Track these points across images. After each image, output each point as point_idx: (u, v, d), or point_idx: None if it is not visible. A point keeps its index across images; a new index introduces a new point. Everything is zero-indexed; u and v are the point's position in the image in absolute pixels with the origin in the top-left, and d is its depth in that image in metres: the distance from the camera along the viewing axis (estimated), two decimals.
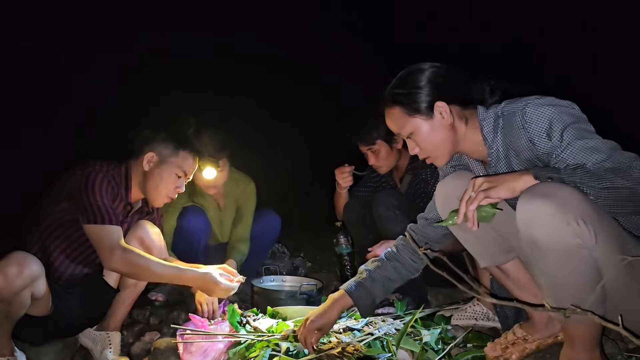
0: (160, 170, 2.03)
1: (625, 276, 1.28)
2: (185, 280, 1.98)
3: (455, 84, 1.56)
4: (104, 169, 1.95)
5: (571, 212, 1.21)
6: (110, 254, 1.83)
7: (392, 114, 1.59)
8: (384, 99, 1.60)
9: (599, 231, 1.23)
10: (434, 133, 1.54)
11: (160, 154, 2.04)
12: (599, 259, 1.26)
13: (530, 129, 1.41)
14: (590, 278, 1.27)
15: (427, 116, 1.53)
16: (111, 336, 2.02)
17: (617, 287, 1.30)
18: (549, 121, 1.38)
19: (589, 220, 1.22)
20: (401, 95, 1.55)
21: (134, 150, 2.08)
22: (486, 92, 1.58)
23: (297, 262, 3.34)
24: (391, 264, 1.77)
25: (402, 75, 1.59)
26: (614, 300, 1.32)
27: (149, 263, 1.88)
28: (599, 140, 1.33)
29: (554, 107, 1.39)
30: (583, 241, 1.23)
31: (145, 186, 2.04)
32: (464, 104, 1.56)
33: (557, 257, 1.27)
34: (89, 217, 1.85)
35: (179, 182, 2.08)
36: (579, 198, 1.23)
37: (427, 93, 1.52)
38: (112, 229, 1.86)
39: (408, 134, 1.57)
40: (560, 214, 1.22)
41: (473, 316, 2.11)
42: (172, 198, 2.10)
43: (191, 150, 2.09)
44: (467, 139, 1.57)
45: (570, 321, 1.34)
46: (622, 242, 1.29)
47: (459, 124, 1.55)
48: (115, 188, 1.96)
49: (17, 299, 1.67)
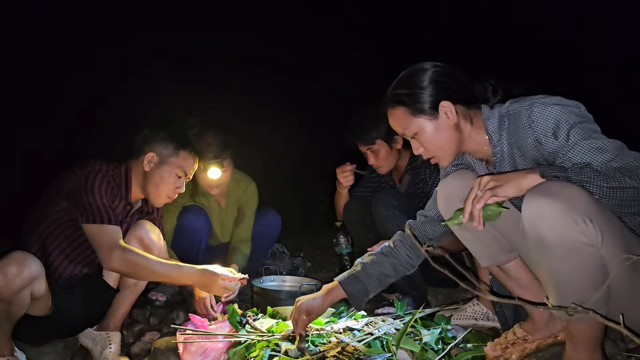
0: (160, 171, 2.03)
1: (627, 275, 1.28)
2: (185, 277, 1.98)
3: (459, 83, 1.55)
4: (104, 169, 1.95)
5: (577, 210, 1.22)
6: (109, 253, 1.83)
7: (396, 114, 1.58)
8: (387, 99, 1.60)
9: (605, 230, 1.23)
10: (438, 133, 1.53)
11: (161, 154, 2.04)
12: (605, 257, 1.26)
13: (536, 128, 1.41)
14: (595, 277, 1.26)
15: (431, 116, 1.52)
16: (111, 336, 2.03)
17: (620, 287, 1.30)
18: (556, 121, 1.38)
19: (595, 219, 1.22)
20: (404, 95, 1.54)
21: (134, 150, 2.08)
22: (489, 91, 1.58)
23: (297, 262, 3.34)
24: (388, 259, 1.78)
25: (404, 75, 1.58)
26: (616, 299, 1.32)
27: (148, 262, 1.88)
28: (606, 140, 1.33)
29: (560, 107, 1.39)
30: (589, 240, 1.23)
31: (146, 186, 2.05)
32: (468, 103, 1.56)
33: (563, 255, 1.26)
34: (88, 217, 1.85)
35: (179, 182, 2.08)
36: (585, 197, 1.23)
37: (430, 93, 1.52)
38: (111, 229, 1.86)
39: (412, 134, 1.56)
40: (566, 211, 1.22)
41: (473, 316, 2.11)
42: (172, 198, 2.10)
43: (191, 150, 2.10)
44: (471, 138, 1.57)
45: (573, 320, 1.34)
46: (626, 242, 1.29)
47: (463, 123, 1.55)
48: (115, 188, 1.96)
49: (17, 299, 1.67)
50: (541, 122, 1.40)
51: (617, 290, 1.30)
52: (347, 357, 1.58)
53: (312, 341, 1.72)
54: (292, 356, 1.61)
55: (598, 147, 1.31)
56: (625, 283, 1.30)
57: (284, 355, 1.60)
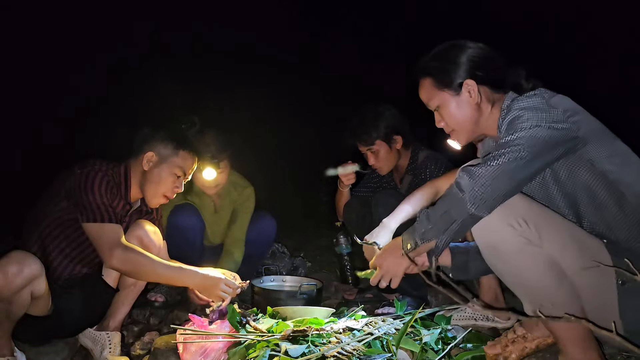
0: (159, 170, 2.03)
1: (589, 272, 1.31)
2: (187, 280, 1.98)
3: (491, 66, 1.56)
4: (104, 168, 1.94)
5: (512, 214, 1.31)
6: (110, 252, 1.82)
7: (424, 84, 1.62)
8: (419, 69, 1.63)
9: (541, 228, 1.30)
10: (459, 109, 1.56)
11: (160, 153, 2.04)
12: (553, 255, 1.32)
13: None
14: (552, 274, 1.32)
15: (455, 92, 1.55)
16: (111, 336, 2.02)
17: (582, 282, 1.34)
18: (517, 118, 1.38)
19: (530, 220, 1.30)
20: (434, 68, 1.58)
21: (133, 149, 2.08)
22: (522, 77, 1.58)
23: (297, 262, 3.34)
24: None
25: (440, 49, 1.61)
26: (588, 297, 1.36)
27: (150, 262, 1.88)
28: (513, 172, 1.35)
29: (532, 112, 1.37)
30: (529, 240, 1.30)
31: (144, 185, 2.04)
32: (495, 86, 1.56)
33: (513, 259, 1.34)
34: (89, 216, 1.84)
35: (178, 182, 2.08)
36: (519, 200, 1.34)
37: (458, 70, 1.54)
38: (112, 227, 1.86)
39: (435, 106, 1.60)
40: (502, 217, 1.31)
41: (472, 317, 2.11)
42: (169, 198, 2.09)
43: (191, 150, 2.09)
44: (489, 121, 1.57)
45: (550, 321, 1.37)
46: (570, 236, 1.34)
47: (485, 105, 1.55)
48: (114, 187, 1.96)
49: (17, 298, 1.67)
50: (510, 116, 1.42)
51: (582, 287, 1.34)
52: (347, 357, 1.58)
53: (312, 341, 1.71)
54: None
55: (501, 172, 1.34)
56: (587, 277, 1.32)
57: (284, 355, 1.60)
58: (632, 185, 1.37)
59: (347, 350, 1.62)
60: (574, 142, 1.37)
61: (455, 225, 1.37)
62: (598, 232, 1.39)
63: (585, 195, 1.39)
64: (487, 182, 1.31)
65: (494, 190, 1.31)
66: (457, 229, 1.38)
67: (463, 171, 1.39)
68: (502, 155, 1.33)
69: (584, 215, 1.41)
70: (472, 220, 1.36)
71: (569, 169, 1.40)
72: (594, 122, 1.42)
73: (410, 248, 1.51)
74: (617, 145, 1.42)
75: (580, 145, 1.37)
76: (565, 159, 1.39)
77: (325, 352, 1.61)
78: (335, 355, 1.59)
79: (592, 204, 1.39)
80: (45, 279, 1.79)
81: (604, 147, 1.39)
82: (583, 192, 1.39)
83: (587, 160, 1.38)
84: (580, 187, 1.39)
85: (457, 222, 1.37)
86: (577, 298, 1.35)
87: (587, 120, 1.41)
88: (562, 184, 1.41)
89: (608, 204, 1.37)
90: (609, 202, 1.37)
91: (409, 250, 1.52)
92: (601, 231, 1.39)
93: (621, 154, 1.41)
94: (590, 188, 1.38)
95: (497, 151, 1.35)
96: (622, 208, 1.37)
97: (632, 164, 1.40)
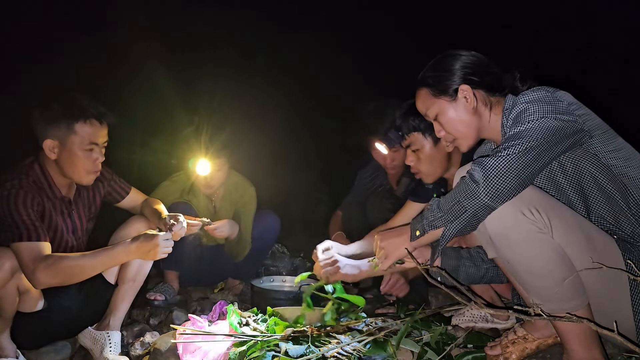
0: (68, 153, 1.87)
1: (599, 274, 1.32)
2: (122, 256, 1.84)
3: (485, 71, 1.58)
4: (17, 178, 1.81)
5: (523, 202, 1.32)
6: (32, 270, 1.69)
7: (420, 95, 1.65)
8: (417, 82, 1.66)
9: (552, 217, 1.32)
10: (457, 116, 1.58)
11: (57, 137, 1.86)
12: (562, 244, 1.33)
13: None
14: (560, 263, 1.33)
15: (451, 98, 1.57)
16: (111, 336, 2.01)
17: (590, 278, 1.35)
18: (524, 111, 1.40)
19: (541, 208, 1.32)
20: (429, 77, 1.61)
21: (37, 139, 1.90)
22: (517, 79, 1.59)
23: (297, 263, 3.34)
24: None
25: (435, 60, 1.65)
26: (594, 294, 1.37)
27: (76, 261, 1.76)
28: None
29: (539, 104, 1.39)
30: (540, 228, 1.32)
31: (65, 173, 1.92)
32: (490, 90, 1.58)
33: (524, 247, 1.35)
34: (7, 237, 1.73)
35: (95, 154, 1.92)
36: (531, 190, 1.36)
37: (453, 76, 1.56)
38: (28, 246, 1.72)
39: (434, 115, 1.62)
40: (514, 205, 1.32)
41: (472, 319, 2.10)
42: (97, 171, 1.97)
43: (85, 117, 1.88)
44: (490, 125, 1.59)
45: (553, 320, 1.36)
46: (580, 228, 1.36)
47: (483, 109, 1.57)
48: (35, 193, 1.83)
49: (3, 293, 1.66)
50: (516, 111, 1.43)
51: (591, 281, 1.35)
52: (347, 357, 1.58)
53: (312, 341, 1.71)
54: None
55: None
56: (597, 272, 1.32)
57: (284, 355, 1.60)
58: (636, 179, 1.41)
59: (347, 351, 1.62)
60: (581, 134, 1.40)
61: (466, 216, 1.37)
62: (605, 225, 1.42)
63: (593, 188, 1.43)
64: (500, 173, 1.32)
65: (507, 180, 1.32)
66: (468, 220, 1.38)
67: (475, 163, 1.39)
68: (513, 147, 1.34)
69: (592, 207, 1.44)
70: (485, 211, 1.35)
71: (575, 162, 1.43)
72: (596, 118, 1.46)
73: (419, 235, 1.50)
74: (619, 140, 1.46)
75: (587, 138, 1.41)
76: (572, 152, 1.43)
77: (325, 352, 1.61)
78: (335, 355, 1.59)
79: (601, 196, 1.42)
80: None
81: (608, 141, 1.43)
82: (590, 185, 1.43)
83: (592, 154, 1.42)
84: (587, 180, 1.43)
85: (469, 213, 1.36)
86: (585, 291, 1.36)
87: (591, 115, 1.44)
88: (569, 176, 1.45)
89: (614, 196, 1.41)
90: (615, 194, 1.41)
91: (417, 237, 1.51)
92: (608, 225, 1.42)
93: (624, 149, 1.45)
94: (596, 180, 1.42)
95: (507, 143, 1.36)
96: (627, 202, 1.40)
97: (635, 159, 1.44)
